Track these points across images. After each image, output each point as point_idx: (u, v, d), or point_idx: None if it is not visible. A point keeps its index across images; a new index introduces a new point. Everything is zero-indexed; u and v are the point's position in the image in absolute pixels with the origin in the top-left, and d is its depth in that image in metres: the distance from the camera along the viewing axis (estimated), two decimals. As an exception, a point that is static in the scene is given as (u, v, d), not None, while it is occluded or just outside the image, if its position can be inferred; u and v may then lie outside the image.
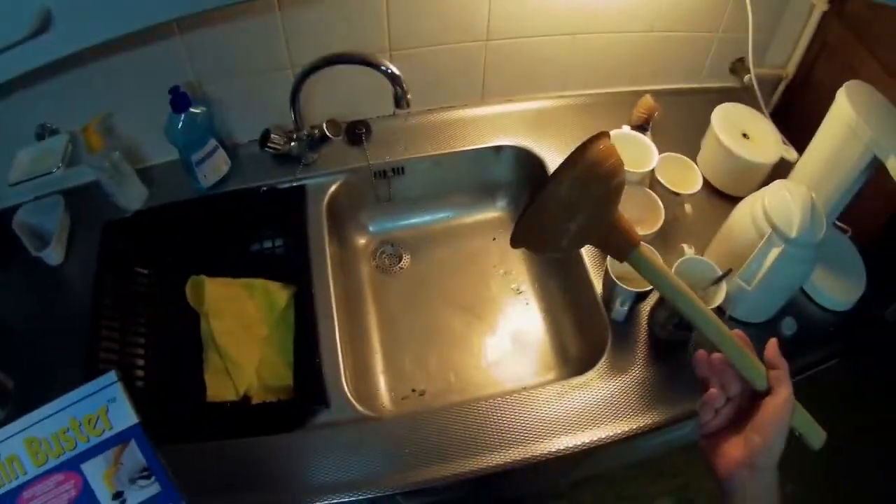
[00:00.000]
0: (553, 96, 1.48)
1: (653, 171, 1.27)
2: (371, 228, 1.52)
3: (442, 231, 1.46)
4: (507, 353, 1.35)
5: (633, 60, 1.45)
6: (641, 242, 0.77)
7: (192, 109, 1.27)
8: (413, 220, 1.53)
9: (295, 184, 1.39)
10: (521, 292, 1.40)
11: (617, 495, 2.07)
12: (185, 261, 1.39)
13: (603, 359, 1.16)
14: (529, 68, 1.42)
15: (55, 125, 1.32)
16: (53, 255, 1.34)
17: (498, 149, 1.42)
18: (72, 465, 0.74)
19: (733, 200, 1.23)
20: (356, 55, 1.17)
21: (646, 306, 1.20)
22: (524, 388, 1.21)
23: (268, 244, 1.43)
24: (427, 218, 1.53)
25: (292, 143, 1.36)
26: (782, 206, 1.06)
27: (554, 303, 1.38)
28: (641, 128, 1.42)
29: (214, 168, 1.36)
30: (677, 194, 1.25)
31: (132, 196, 1.38)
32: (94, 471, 0.74)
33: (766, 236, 1.05)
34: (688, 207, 1.27)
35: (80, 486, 0.74)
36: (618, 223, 0.77)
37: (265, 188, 1.39)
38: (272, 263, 1.40)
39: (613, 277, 1.11)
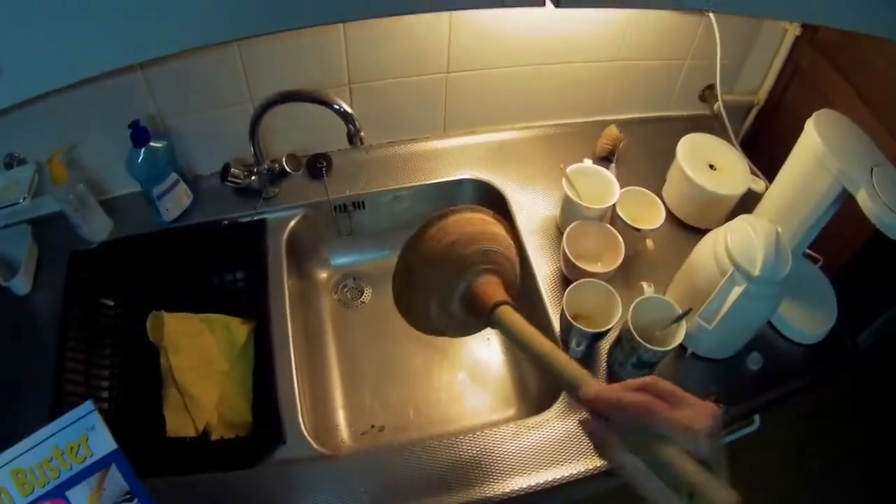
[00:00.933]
0: (517, 127, 1.47)
1: (614, 206, 1.26)
2: (332, 262, 1.52)
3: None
4: (467, 388, 1.34)
5: (599, 90, 1.43)
6: (503, 304, 0.81)
7: (152, 143, 1.27)
8: (375, 254, 1.52)
9: (255, 217, 1.39)
10: (481, 328, 1.39)
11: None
12: (149, 292, 1.40)
13: (560, 398, 1.15)
14: (492, 100, 1.42)
15: (23, 154, 1.32)
16: (21, 284, 1.35)
17: (459, 182, 1.42)
18: (57, 493, 0.76)
19: (699, 233, 1.22)
20: (308, 93, 1.17)
21: (606, 344, 1.19)
22: (483, 425, 1.22)
23: (229, 277, 1.43)
24: (388, 252, 1.51)
25: (253, 178, 1.36)
26: (745, 242, 1.04)
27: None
28: (606, 159, 1.40)
29: (176, 201, 1.37)
30: (638, 230, 1.23)
31: (96, 227, 1.38)
32: (80, 497, 0.77)
33: (728, 274, 1.03)
34: (649, 243, 1.26)
35: None
36: (473, 291, 0.84)
37: (226, 222, 1.39)
38: (233, 297, 1.40)
39: (569, 317, 1.11)
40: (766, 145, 1.50)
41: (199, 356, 1.29)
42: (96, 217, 1.38)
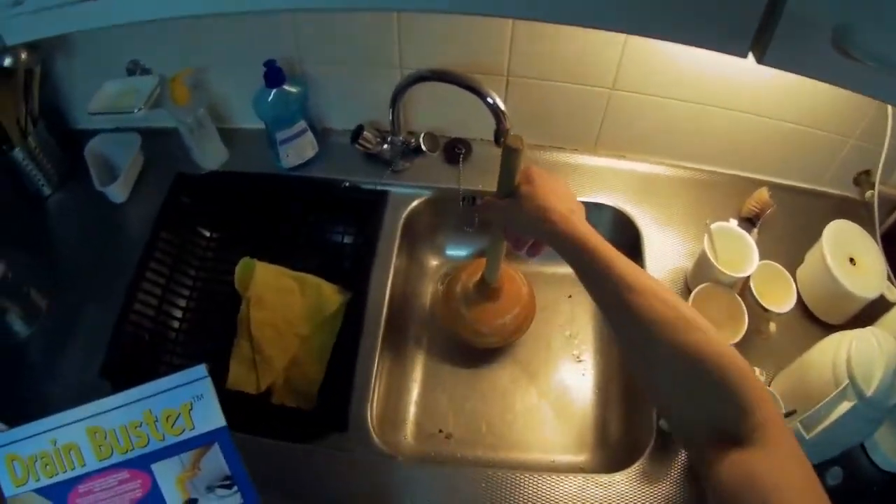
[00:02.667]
0: (667, 163, 1.38)
1: (748, 278, 1.18)
2: (447, 252, 1.45)
3: (520, 273, 1.37)
4: (546, 418, 1.27)
5: (758, 147, 1.34)
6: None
7: (285, 87, 1.23)
8: None
9: (379, 187, 1.33)
10: (580, 360, 1.32)
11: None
12: (248, 235, 1.37)
13: (636, 464, 1.07)
14: (649, 128, 1.33)
15: (148, 65, 1.30)
16: (117, 192, 1.33)
17: (598, 206, 1.33)
18: (140, 464, 0.67)
19: (820, 326, 1.17)
20: (463, 78, 1.11)
21: None
22: (551, 464, 1.17)
23: (335, 241, 1.38)
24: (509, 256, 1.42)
25: (385, 146, 1.31)
26: (867, 357, 0.95)
27: (611, 384, 1.29)
28: (749, 221, 1.32)
29: (299, 150, 1.31)
30: (766, 310, 1.16)
31: (210, 155, 1.35)
32: (167, 473, 0.67)
33: (841, 387, 0.96)
34: (773, 326, 1.18)
35: (146, 488, 0.67)
36: None
37: (347, 184, 1.33)
38: (334, 262, 1.35)
39: None
40: None
41: (281, 314, 1.24)
42: (212, 144, 1.35)
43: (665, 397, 0.69)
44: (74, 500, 0.66)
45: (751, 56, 0.73)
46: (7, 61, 1.22)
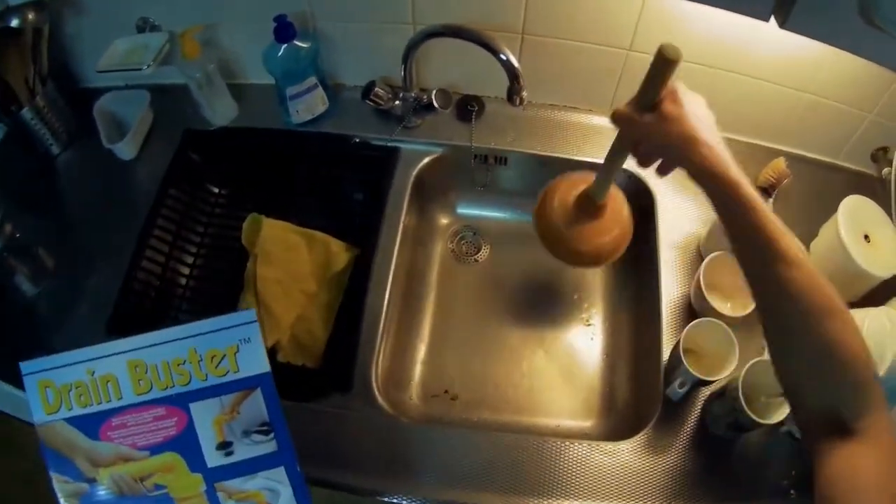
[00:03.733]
0: None
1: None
2: (457, 210, 1.44)
3: (530, 233, 1.34)
4: (554, 382, 1.25)
5: (776, 117, 1.31)
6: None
7: (296, 42, 1.21)
8: (504, 214, 1.43)
9: (389, 144, 1.31)
10: (589, 324, 1.30)
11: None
12: (256, 191, 1.35)
13: (642, 432, 1.06)
14: (667, 91, 1.30)
15: (157, 21, 1.30)
16: (125, 149, 1.33)
17: (615, 170, 1.31)
18: (179, 402, 0.66)
19: None
20: (477, 34, 1.09)
21: (707, 391, 1.10)
22: (556, 429, 1.17)
23: (344, 197, 1.37)
24: (518, 215, 1.42)
25: (396, 102, 1.29)
26: (879, 336, 0.94)
27: (618, 348, 1.28)
28: (765, 191, 1.30)
29: (309, 105, 1.30)
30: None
31: (220, 111, 1.34)
32: (204, 414, 0.66)
33: None
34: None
35: (182, 426, 0.66)
36: None
37: (358, 139, 1.31)
38: (343, 218, 1.33)
39: (682, 353, 1.02)
40: None
41: (288, 270, 1.22)
42: (222, 100, 1.33)
43: (796, 377, 0.67)
44: (106, 433, 0.65)
45: (773, 21, 0.71)
46: (14, 21, 1.21)
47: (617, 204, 1.14)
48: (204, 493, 0.65)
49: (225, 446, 0.66)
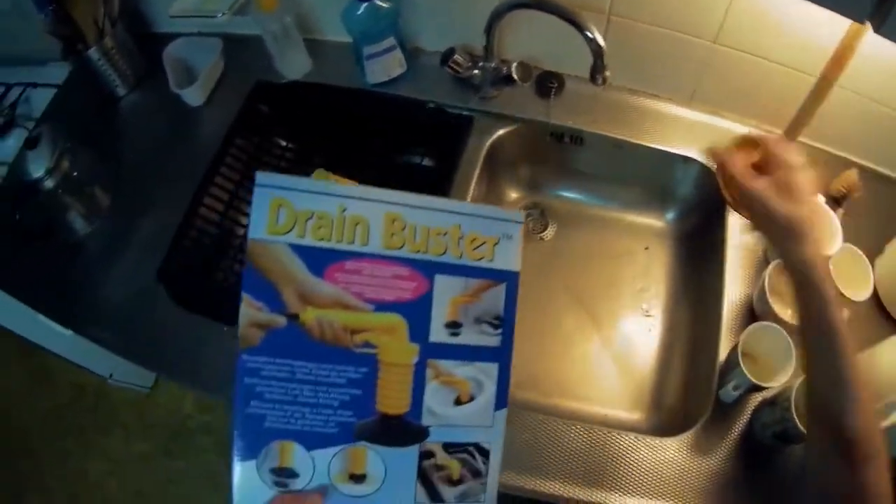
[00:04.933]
0: (760, 127, 1.32)
1: (828, 258, 1.12)
2: (528, 186, 1.42)
3: (598, 217, 1.34)
4: (605, 370, 1.24)
5: (855, 127, 1.27)
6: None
7: (377, 1, 1.19)
8: (574, 195, 1.41)
9: (465, 112, 1.29)
10: (649, 315, 1.28)
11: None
12: (325, 148, 1.34)
13: (690, 431, 1.04)
14: (748, 89, 1.27)
15: None
16: (194, 95, 1.33)
17: (687, 159, 1.29)
18: (426, 269, 0.62)
19: (891, 321, 1.12)
20: (563, 9, 1.06)
21: (758, 398, 1.07)
22: (603, 418, 1.16)
23: (415, 162, 1.36)
24: (590, 198, 1.41)
25: (475, 71, 1.27)
26: None
27: (675, 344, 1.26)
28: (836, 201, 1.27)
29: (385, 67, 1.28)
30: (842, 295, 1.09)
31: (293, 65, 1.32)
32: (445, 288, 0.62)
33: None
34: (846, 312, 1.12)
35: (419, 293, 0.62)
36: None
37: (433, 105, 1.30)
38: (411, 183, 1.28)
39: (739, 356, 0.99)
40: None
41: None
42: (296, 54, 1.32)
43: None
44: (334, 274, 0.60)
45: (868, 25, 0.69)
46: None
47: None
48: (414, 364, 0.61)
49: (454, 326, 0.63)
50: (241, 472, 0.58)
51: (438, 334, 0.62)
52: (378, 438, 0.61)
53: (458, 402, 0.63)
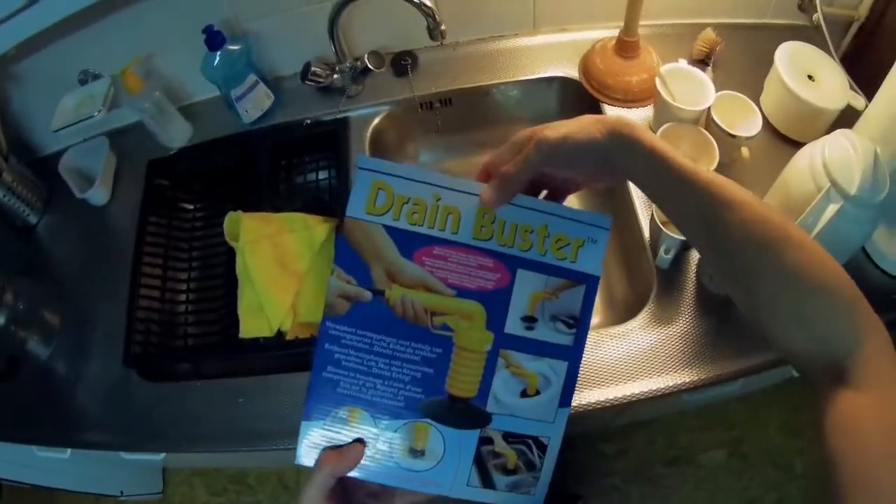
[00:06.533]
0: (610, 26, 1.38)
1: (709, 109, 1.19)
2: (420, 159, 1.48)
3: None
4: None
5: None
6: None
7: (228, 46, 1.26)
8: (463, 151, 1.48)
9: (338, 116, 1.36)
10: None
11: (669, 443, 2.03)
12: (229, 195, 1.39)
13: (645, 309, 1.09)
14: (582, -3, 1.35)
15: (97, 70, 1.33)
16: (98, 195, 1.36)
17: (549, 80, 1.36)
18: (510, 262, 0.64)
19: (796, 146, 1.13)
20: None
21: (695, 255, 1.13)
22: None
23: (312, 177, 1.41)
24: (477, 149, 1.47)
25: (335, 76, 1.34)
26: (844, 159, 0.96)
27: (608, 256, 1.31)
28: (702, 62, 1.34)
29: (256, 103, 1.35)
30: (734, 136, 1.16)
31: (175, 134, 1.38)
32: (527, 283, 0.64)
33: (824, 191, 0.96)
34: (745, 151, 1.18)
35: (501, 284, 0.64)
36: None
37: (308, 121, 1.36)
38: (316, 197, 1.38)
39: (658, 222, 1.06)
40: (867, 64, 1.39)
41: (276, 256, 1.25)
42: (175, 124, 1.38)
43: (773, 327, 0.60)
44: (422, 257, 0.63)
45: None
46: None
47: (651, 57, 1.29)
48: (487, 351, 0.64)
49: (530, 320, 0.64)
50: (307, 431, 0.63)
51: (514, 326, 0.64)
52: (443, 418, 0.63)
53: (524, 394, 0.65)
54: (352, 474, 0.62)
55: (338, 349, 0.63)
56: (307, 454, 0.63)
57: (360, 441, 0.63)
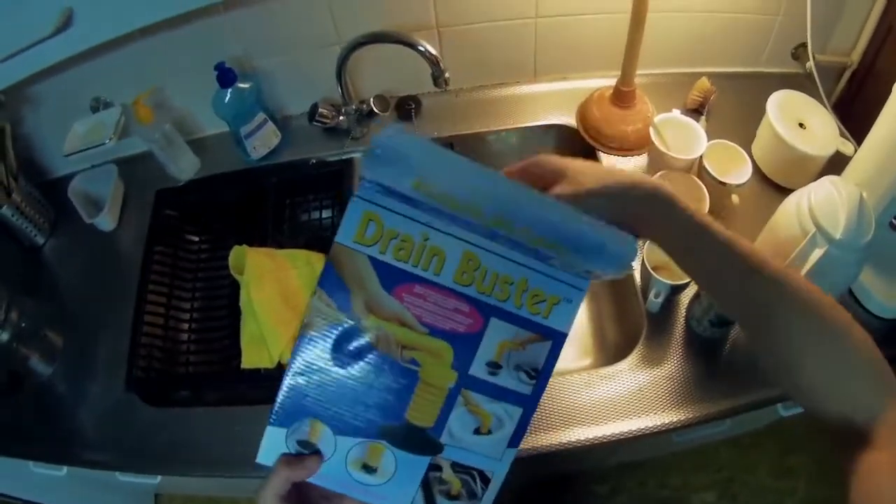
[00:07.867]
0: (609, 75, 1.40)
1: (700, 158, 1.22)
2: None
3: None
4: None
5: (692, 42, 1.39)
6: None
7: (238, 84, 1.29)
8: None
9: (343, 156, 1.39)
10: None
11: (660, 483, 2.03)
12: (234, 229, 1.42)
13: (635, 350, 1.12)
14: (583, 46, 1.39)
15: (109, 98, 1.36)
16: (105, 221, 1.38)
17: (548, 127, 1.40)
18: (485, 310, 0.65)
19: (785, 192, 1.15)
20: (393, 35, 1.17)
21: (685, 298, 1.16)
22: (557, 370, 1.22)
23: (315, 215, 1.44)
24: None
25: (341, 118, 1.37)
26: (828, 203, 0.98)
27: (595, 286, 1.31)
28: (697, 112, 1.37)
29: (264, 140, 1.38)
30: (724, 184, 1.19)
31: (184, 166, 1.41)
32: (497, 332, 0.66)
33: (809, 235, 0.98)
34: (735, 198, 1.22)
35: (472, 330, 0.66)
36: None
37: (314, 160, 1.40)
38: (319, 234, 1.41)
39: (648, 268, 1.08)
40: (858, 109, 1.43)
41: (279, 290, 1.29)
42: (183, 156, 1.41)
43: (806, 385, 0.61)
44: (402, 294, 0.64)
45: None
46: (-23, 123, 1.26)
47: (647, 107, 1.33)
48: (450, 388, 0.66)
49: (495, 366, 0.66)
50: (271, 435, 0.65)
51: (479, 370, 0.66)
52: (399, 442, 0.66)
53: (477, 431, 0.67)
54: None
55: (311, 364, 0.65)
56: (267, 456, 0.65)
57: (318, 453, 0.65)
